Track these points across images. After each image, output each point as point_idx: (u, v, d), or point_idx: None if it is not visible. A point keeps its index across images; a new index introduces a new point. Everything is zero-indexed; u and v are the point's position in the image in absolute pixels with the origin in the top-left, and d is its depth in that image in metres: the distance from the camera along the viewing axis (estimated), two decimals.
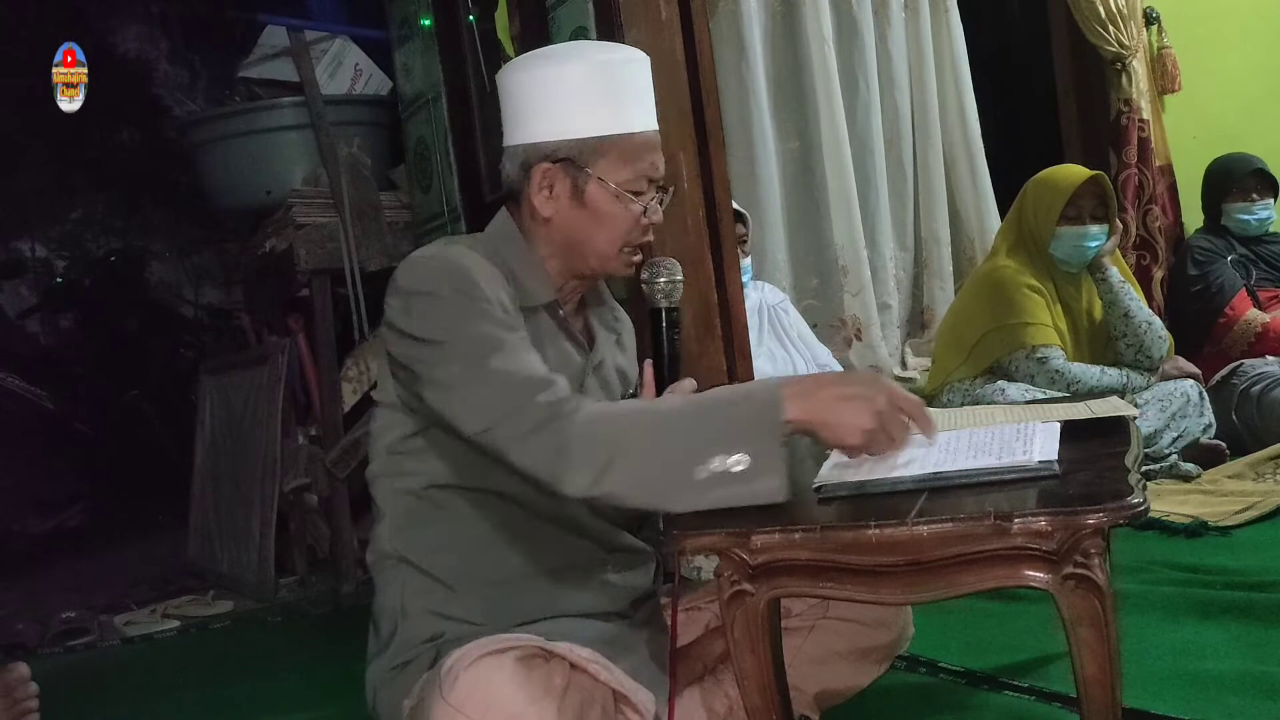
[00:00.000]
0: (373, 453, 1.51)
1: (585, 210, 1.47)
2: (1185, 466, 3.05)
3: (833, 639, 1.60)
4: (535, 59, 1.52)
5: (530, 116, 1.49)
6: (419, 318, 1.39)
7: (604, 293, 1.66)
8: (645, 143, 1.49)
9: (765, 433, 1.25)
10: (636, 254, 1.53)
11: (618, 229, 1.48)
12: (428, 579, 1.45)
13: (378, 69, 4.34)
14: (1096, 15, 3.86)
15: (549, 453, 1.28)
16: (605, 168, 1.46)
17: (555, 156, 1.46)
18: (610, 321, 1.64)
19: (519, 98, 1.50)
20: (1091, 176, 3.13)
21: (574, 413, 1.29)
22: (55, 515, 5.57)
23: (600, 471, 1.26)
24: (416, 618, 1.45)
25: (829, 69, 3.78)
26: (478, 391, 1.33)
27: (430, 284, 1.39)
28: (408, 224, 4.10)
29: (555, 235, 1.49)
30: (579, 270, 1.53)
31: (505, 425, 1.31)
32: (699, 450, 1.25)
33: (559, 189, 1.47)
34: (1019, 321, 3.06)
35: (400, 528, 1.48)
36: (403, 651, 1.44)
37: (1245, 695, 1.68)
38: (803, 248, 3.84)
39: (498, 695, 1.22)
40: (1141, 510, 1.09)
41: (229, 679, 2.88)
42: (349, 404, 4.03)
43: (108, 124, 6.00)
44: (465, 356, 1.35)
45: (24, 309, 6.25)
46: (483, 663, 1.24)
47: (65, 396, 5.96)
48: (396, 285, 1.43)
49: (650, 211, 1.49)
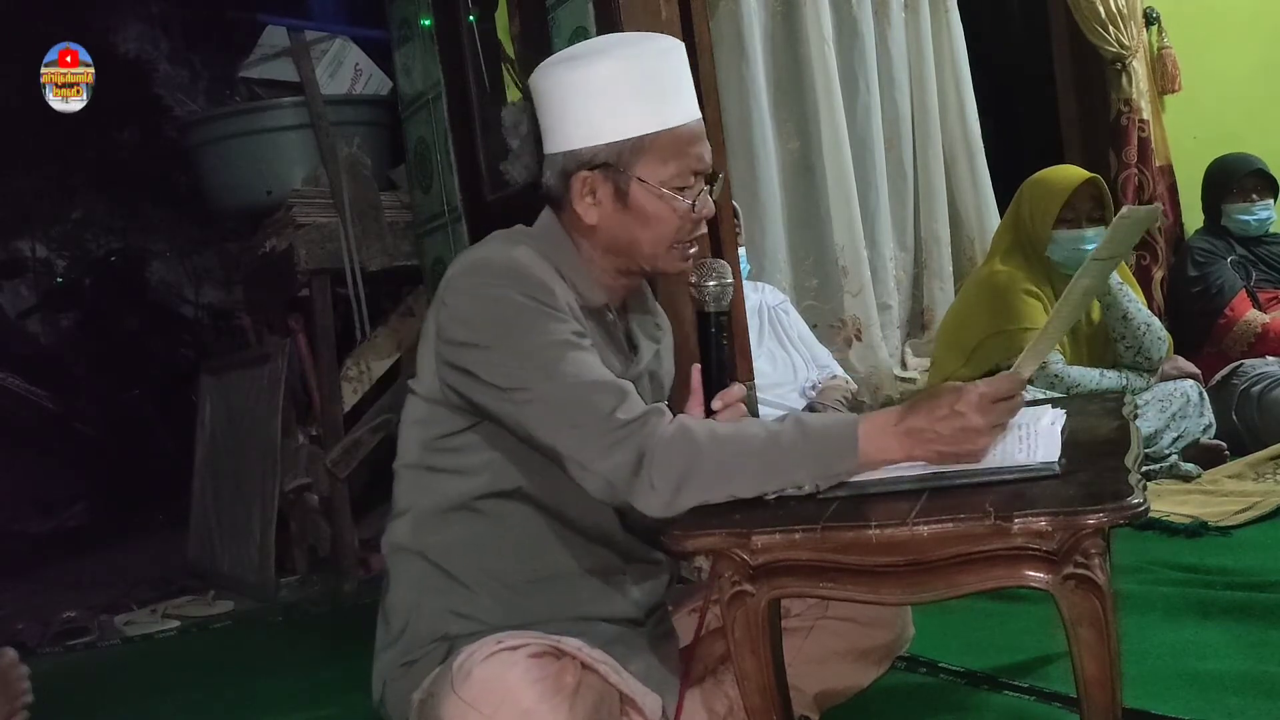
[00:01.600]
0: (405, 443, 1.49)
1: (630, 213, 1.44)
2: (1185, 466, 3.05)
3: (832, 639, 1.60)
4: (563, 62, 1.48)
5: (564, 123, 1.45)
6: (485, 321, 1.37)
7: (648, 297, 1.63)
8: (687, 135, 1.44)
9: (835, 471, 1.28)
10: (691, 248, 1.49)
11: (666, 228, 1.45)
12: (445, 577, 1.44)
13: (378, 69, 4.34)
14: (1096, 15, 3.86)
15: (627, 469, 1.29)
16: (646, 168, 1.42)
17: (594, 163, 1.43)
18: (652, 330, 1.61)
19: (551, 104, 1.47)
20: (1088, 179, 3.12)
21: (654, 431, 1.30)
22: (55, 515, 5.57)
23: (675, 492, 1.28)
24: (430, 614, 1.44)
25: (829, 69, 3.78)
26: (554, 400, 1.32)
27: (497, 287, 1.37)
28: (408, 224, 4.10)
29: (602, 239, 1.47)
30: (630, 269, 1.50)
31: (583, 435, 1.31)
32: (768, 480, 1.29)
33: (601, 194, 1.44)
34: (1018, 327, 3.06)
35: (422, 524, 1.46)
36: (414, 648, 1.44)
37: (1245, 695, 1.68)
38: (803, 248, 3.83)
39: (510, 691, 1.23)
40: (1141, 510, 1.09)
41: (229, 679, 2.88)
42: (349, 404, 4.03)
43: (108, 124, 5.99)
44: (539, 364, 1.33)
45: (24, 309, 6.25)
46: (496, 659, 1.25)
47: (65, 396, 5.95)
48: (457, 286, 1.40)
49: (699, 205, 1.46)
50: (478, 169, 3.51)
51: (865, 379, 3.70)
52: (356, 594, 3.67)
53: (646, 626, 1.51)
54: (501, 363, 1.35)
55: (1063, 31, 4.15)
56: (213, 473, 4.43)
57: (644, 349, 1.57)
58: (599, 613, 1.46)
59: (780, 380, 3.28)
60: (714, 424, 1.35)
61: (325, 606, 3.61)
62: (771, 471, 1.29)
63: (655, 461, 1.29)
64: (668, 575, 1.58)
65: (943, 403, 1.26)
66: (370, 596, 3.59)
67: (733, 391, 1.49)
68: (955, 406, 1.25)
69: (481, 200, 3.51)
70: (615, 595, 1.48)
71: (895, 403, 3.42)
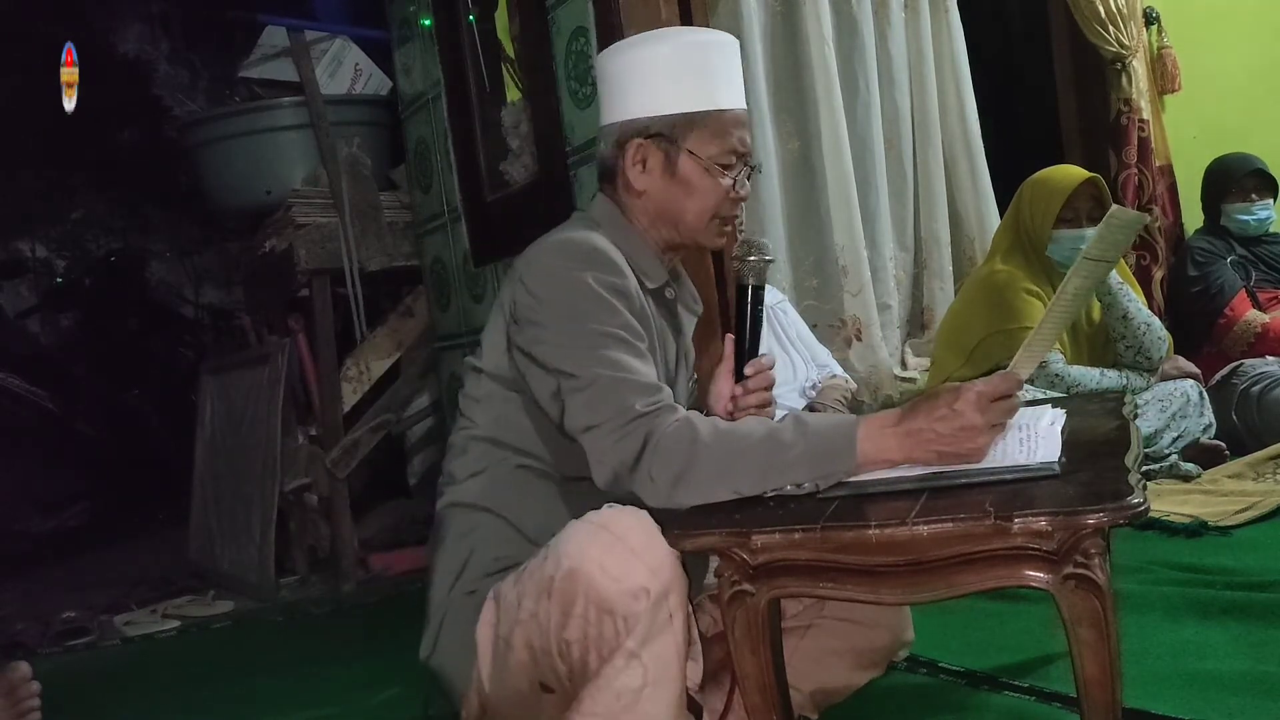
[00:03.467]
0: (474, 415, 1.55)
1: (677, 182, 1.55)
2: (1185, 466, 3.05)
3: (829, 638, 1.61)
4: (628, 44, 1.62)
5: (624, 96, 1.57)
6: (554, 300, 1.44)
7: (683, 272, 1.72)
8: (734, 119, 1.55)
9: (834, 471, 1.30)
10: (727, 225, 1.59)
11: (708, 200, 1.55)
12: (510, 528, 1.50)
13: (378, 69, 4.34)
14: (1096, 15, 3.86)
15: (630, 459, 1.34)
16: (696, 142, 1.53)
17: (648, 132, 1.54)
18: (690, 303, 1.71)
19: (613, 79, 1.58)
20: (1088, 179, 3.12)
21: (660, 424, 1.34)
22: (55, 515, 5.56)
23: (672, 486, 1.32)
24: (494, 548, 1.49)
25: (829, 69, 3.77)
26: (589, 392, 1.38)
27: (577, 269, 1.44)
28: (408, 224, 4.10)
29: (650, 206, 1.57)
30: (671, 241, 1.59)
31: (602, 430, 1.37)
32: (767, 479, 1.31)
33: (652, 162, 1.55)
34: (1018, 326, 3.06)
35: (497, 485, 1.52)
36: (475, 580, 1.48)
37: (1245, 695, 1.68)
38: (803, 248, 3.83)
39: (635, 527, 1.29)
40: (1141, 510, 1.09)
41: (229, 679, 2.88)
42: (349, 404, 4.03)
43: (108, 124, 6.00)
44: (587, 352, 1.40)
45: (24, 309, 6.25)
46: (617, 508, 1.32)
47: (65, 396, 5.95)
48: (539, 264, 1.48)
49: (739, 185, 1.56)
50: (478, 169, 3.51)
51: (865, 379, 3.70)
52: (356, 594, 3.67)
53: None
54: (555, 343, 1.42)
55: (1063, 31, 4.16)
56: (213, 473, 4.43)
57: (686, 324, 1.68)
58: None
59: (780, 380, 3.25)
60: (718, 421, 1.39)
61: (325, 606, 3.61)
62: (770, 471, 1.30)
63: (657, 454, 1.33)
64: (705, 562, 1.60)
65: (940, 403, 1.27)
66: (370, 597, 3.60)
67: (763, 360, 1.59)
68: (953, 406, 1.26)
69: (481, 200, 3.51)
70: None
71: (895, 403, 3.44)
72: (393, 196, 4.18)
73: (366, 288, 4.11)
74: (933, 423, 1.26)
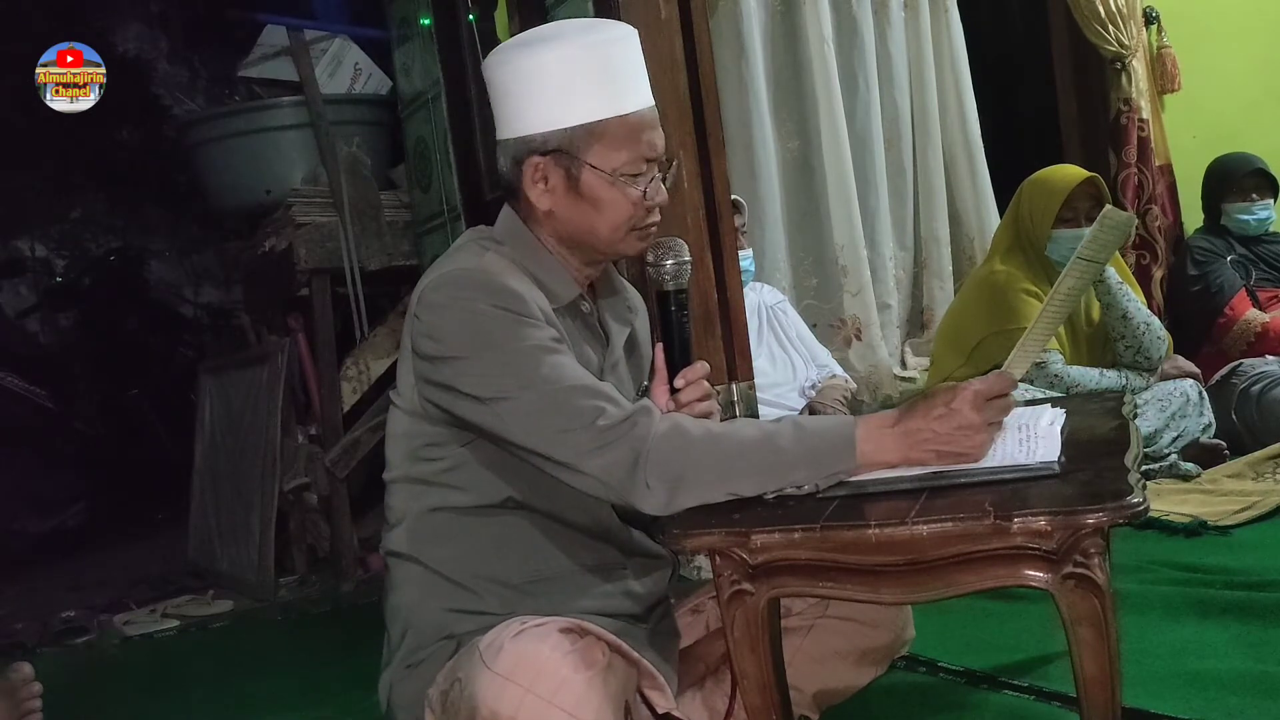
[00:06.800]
0: (392, 456, 1.49)
1: (582, 199, 1.43)
2: (1185, 466, 3.04)
3: (832, 638, 1.60)
4: (516, 47, 1.46)
5: (516, 108, 1.44)
6: (459, 334, 1.35)
7: (615, 279, 1.62)
8: (639, 123, 1.43)
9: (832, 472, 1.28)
10: (650, 230, 1.48)
11: (619, 214, 1.43)
12: (445, 581, 1.44)
13: (377, 68, 4.34)
14: (1096, 15, 3.86)
15: (621, 470, 1.29)
16: (599, 154, 1.41)
17: (545, 148, 1.42)
18: (623, 313, 1.60)
19: (503, 89, 1.46)
20: (1087, 178, 3.12)
21: (647, 431, 1.30)
22: (55, 515, 5.56)
23: (671, 492, 1.29)
24: (433, 615, 1.44)
25: (829, 69, 3.78)
26: (535, 406, 1.32)
27: (468, 300, 1.36)
28: (408, 223, 4.10)
29: (558, 227, 1.46)
30: (588, 256, 1.49)
31: (567, 439, 1.31)
32: (765, 481, 1.29)
33: (554, 181, 1.43)
34: (1018, 326, 3.05)
35: (417, 533, 1.46)
36: (418, 649, 1.44)
37: (1245, 695, 1.68)
38: (803, 248, 3.83)
39: (546, 663, 1.23)
40: (1141, 510, 1.09)
41: (229, 679, 2.88)
42: (349, 404, 4.03)
43: (108, 124, 5.99)
44: (517, 371, 1.33)
45: (24, 309, 6.25)
46: (527, 633, 1.26)
47: (65, 396, 5.95)
48: (429, 300, 1.39)
49: (651, 192, 1.44)
50: (477, 168, 3.51)
51: (865, 378, 3.70)
52: (356, 594, 3.67)
53: (649, 622, 1.51)
54: (480, 373, 1.34)
55: (1062, 31, 4.16)
56: (212, 472, 4.43)
57: (615, 335, 1.55)
58: (601, 608, 1.45)
59: (780, 380, 3.28)
60: (709, 423, 1.35)
61: (324, 606, 3.61)
62: (769, 472, 1.29)
63: (650, 462, 1.28)
64: (669, 568, 1.57)
65: (937, 402, 1.27)
66: (370, 596, 3.60)
67: (696, 369, 1.49)
68: (950, 405, 1.26)
69: (480, 199, 3.51)
70: (617, 590, 1.48)
71: (895, 402, 3.44)
72: (392, 196, 4.18)
73: (366, 287, 4.10)
74: (930, 422, 1.26)
